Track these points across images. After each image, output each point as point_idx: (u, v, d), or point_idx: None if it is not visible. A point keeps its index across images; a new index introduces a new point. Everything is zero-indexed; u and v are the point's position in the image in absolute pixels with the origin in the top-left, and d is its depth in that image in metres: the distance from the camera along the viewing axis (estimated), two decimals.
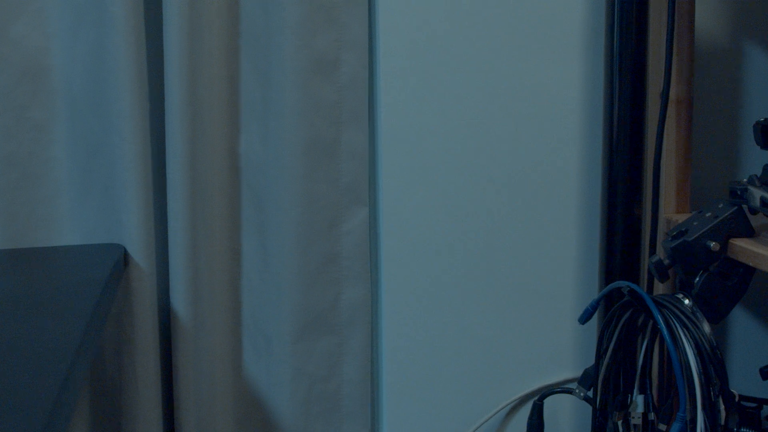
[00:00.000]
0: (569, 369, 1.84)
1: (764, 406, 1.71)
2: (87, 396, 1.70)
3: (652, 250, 1.66)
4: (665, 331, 1.43)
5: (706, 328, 1.43)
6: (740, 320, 1.93)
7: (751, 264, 1.48)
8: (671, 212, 1.71)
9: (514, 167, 1.79)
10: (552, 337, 1.84)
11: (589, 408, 1.62)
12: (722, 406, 1.42)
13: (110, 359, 1.70)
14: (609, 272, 1.72)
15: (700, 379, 1.40)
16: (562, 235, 1.82)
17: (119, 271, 1.61)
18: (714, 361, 1.41)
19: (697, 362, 1.41)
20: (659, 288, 1.70)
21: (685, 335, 1.42)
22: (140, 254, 1.66)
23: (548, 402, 1.76)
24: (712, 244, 1.50)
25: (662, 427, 1.53)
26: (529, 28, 1.76)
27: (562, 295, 1.83)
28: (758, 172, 1.53)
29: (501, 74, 1.77)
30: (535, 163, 1.79)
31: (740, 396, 1.72)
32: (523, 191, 1.80)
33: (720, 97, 1.86)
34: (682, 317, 1.44)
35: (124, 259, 1.65)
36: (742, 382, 1.89)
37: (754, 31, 1.86)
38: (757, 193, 1.47)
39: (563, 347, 1.85)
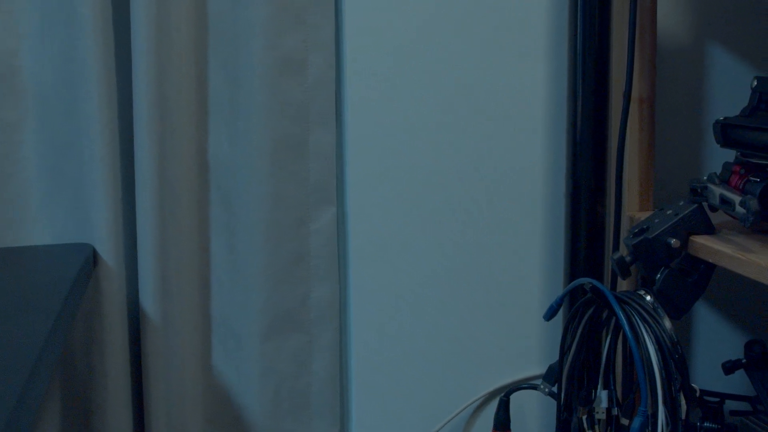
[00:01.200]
0: (536, 365, 1.86)
1: (726, 401, 1.73)
2: (57, 394, 1.71)
3: (616, 248, 1.68)
4: (626, 327, 1.44)
5: (667, 324, 1.45)
6: (704, 317, 1.96)
7: (710, 261, 1.50)
8: (634, 210, 1.73)
9: (479, 166, 1.81)
10: (519, 334, 1.86)
11: (555, 403, 1.64)
12: (683, 401, 1.44)
13: (80, 358, 1.71)
14: (573, 269, 1.74)
15: (661, 374, 1.42)
16: (528, 234, 1.84)
17: (88, 271, 1.62)
18: (675, 357, 1.43)
19: (658, 358, 1.42)
20: (623, 285, 1.72)
21: (646, 331, 1.44)
22: (109, 254, 1.67)
23: (515, 398, 1.77)
24: (673, 241, 1.52)
25: (625, 421, 1.55)
26: (494, 29, 1.78)
27: (528, 292, 1.85)
28: (719, 170, 1.55)
29: (467, 74, 1.78)
30: (501, 162, 1.81)
31: (703, 391, 1.75)
32: (489, 190, 1.82)
33: (683, 96, 1.88)
34: (644, 313, 1.45)
35: (93, 259, 1.66)
36: (706, 377, 1.92)
37: (716, 31, 1.88)
38: (716, 191, 1.49)
39: (530, 344, 1.87)
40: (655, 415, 1.42)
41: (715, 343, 1.95)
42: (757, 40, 1.89)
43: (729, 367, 1.71)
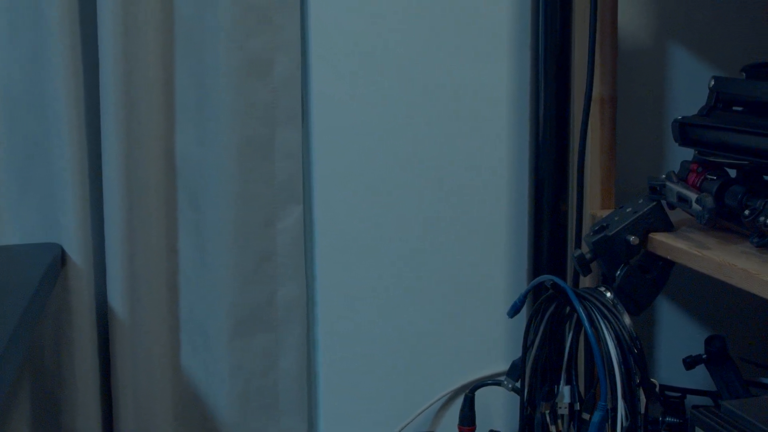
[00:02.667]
0: (502, 362, 1.88)
1: (688, 395, 1.76)
2: (27, 393, 1.72)
3: (578, 246, 1.70)
4: (586, 323, 1.47)
5: (627, 319, 1.47)
6: (667, 313, 1.98)
7: (669, 257, 1.53)
8: (597, 208, 1.76)
9: (444, 165, 1.83)
10: (484, 331, 1.89)
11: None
12: (642, 395, 1.46)
13: (49, 357, 1.72)
14: (537, 267, 1.77)
15: (620, 369, 1.44)
16: (492, 232, 1.86)
17: (56, 270, 1.64)
18: (634, 352, 1.45)
19: (617, 353, 1.44)
20: (586, 282, 1.74)
21: (606, 327, 1.46)
22: (77, 253, 1.69)
23: (482, 394, 1.78)
24: (632, 238, 1.54)
25: (586, 416, 1.57)
26: (459, 30, 1.80)
27: (493, 290, 1.88)
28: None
29: (431, 74, 1.81)
30: (465, 162, 1.84)
31: (665, 386, 1.78)
32: (454, 189, 1.84)
33: (645, 96, 1.91)
34: (603, 309, 1.48)
35: (61, 259, 1.68)
36: (669, 373, 1.94)
37: (677, 31, 1.91)
38: (674, 189, 1.52)
39: (496, 340, 1.89)
40: (614, 410, 1.44)
41: (677, 338, 1.98)
42: (717, 41, 1.91)
43: (690, 363, 1.73)
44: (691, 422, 1.13)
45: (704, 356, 1.72)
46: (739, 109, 1.54)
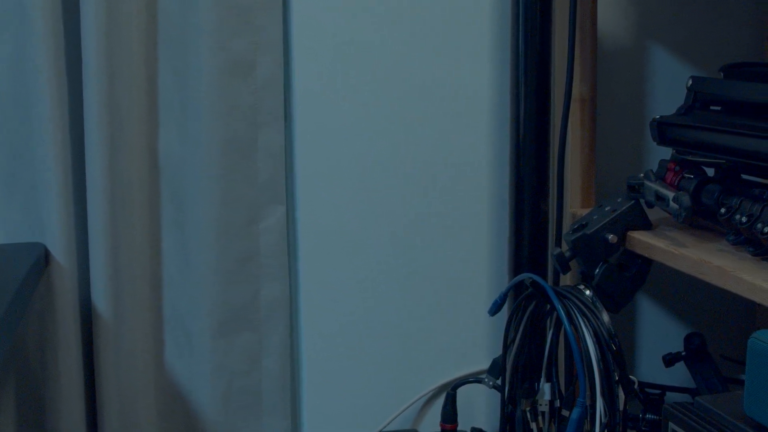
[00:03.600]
0: (484, 359, 1.89)
1: (668, 392, 1.77)
2: (11, 391, 1.73)
3: (558, 244, 1.72)
4: (565, 321, 1.48)
5: (605, 317, 1.48)
6: (647, 311, 2.00)
7: (647, 255, 1.54)
8: (577, 207, 1.77)
9: (426, 164, 1.85)
10: (467, 329, 1.90)
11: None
12: (621, 392, 1.47)
13: (33, 355, 1.73)
14: (518, 265, 1.78)
15: (598, 366, 1.45)
16: (474, 231, 1.88)
17: (39, 270, 1.64)
18: (612, 349, 1.46)
19: (596, 350, 1.46)
20: (567, 280, 1.75)
21: (584, 324, 1.47)
22: (61, 252, 1.69)
23: (465, 391, 1.80)
24: (610, 236, 1.56)
25: (566, 413, 1.58)
26: (440, 30, 1.82)
27: (475, 288, 1.89)
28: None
29: (413, 74, 1.82)
30: (447, 161, 1.85)
31: (645, 383, 1.79)
32: (436, 188, 1.85)
33: (625, 96, 1.92)
34: (582, 307, 1.49)
35: (45, 258, 1.69)
36: (651, 370, 1.96)
37: (657, 31, 1.93)
38: (652, 188, 1.53)
39: (478, 338, 1.90)
40: (593, 406, 1.46)
41: (658, 336, 1.99)
42: (696, 41, 1.93)
43: (669, 360, 1.75)
44: (665, 418, 1.14)
45: (683, 353, 1.74)
46: (717, 108, 1.56)
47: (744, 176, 1.51)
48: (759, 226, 1.34)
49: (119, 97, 1.71)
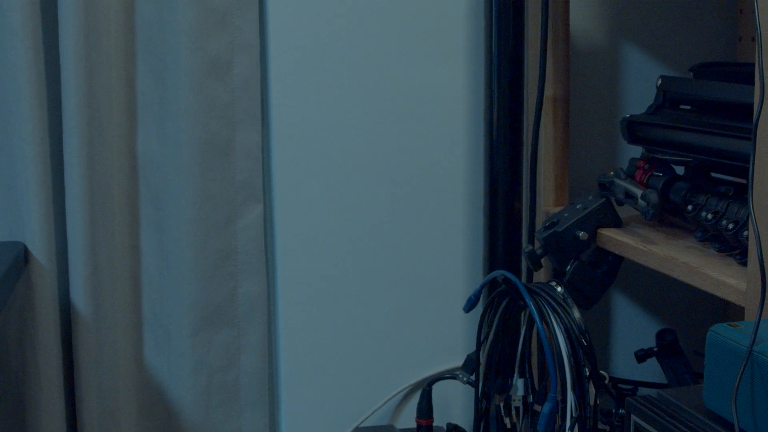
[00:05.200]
0: (461, 356, 1.90)
1: (640, 388, 1.79)
2: None
3: (532, 242, 1.74)
4: (536, 317, 1.50)
5: (576, 313, 1.50)
6: (622, 307, 2.02)
7: (617, 252, 1.57)
8: (550, 205, 1.79)
9: (402, 164, 1.86)
10: (443, 326, 1.92)
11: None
12: (592, 387, 1.50)
13: (13, 354, 1.75)
14: (492, 263, 1.79)
15: (569, 362, 1.47)
16: (449, 229, 1.90)
17: (19, 268, 1.66)
18: (583, 345, 1.48)
19: (566, 345, 1.48)
20: (540, 276, 1.77)
21: (555, 320, 1.49)
22: (40, 251, 1.71)
23: (442, 387, 1.82)
24: (581, 233, 1.58)
25: (538, 408, 1.60)
26: (415, 31, 1.84)
27: (451, 286, 1.91)
28: None
29: (388, 75, 1.84)
30: (422, 160, 1.87)
31: (618, 379, 1.81)
32: (411, 187, 1.87)
33: (598, 95, 1.94)
34: (553, 303, 1.51)
35: (24, 257, 1.70)
36: (625, 366, 1.98)
37: (630, 31, 1.94)
38: (622, 185, 1.56)
39: (454, 335, 1.92)
40: (564, 401, 1.48)
41: (633, 332, 2.01)
42: (669, 40, 1.95)
43: (641, 356, 1.77)
44: (628, 411, 1.17)
45: (655, 349, 1.76)
46: (687, 107, 1.59)
47: (714, 174, 1.54)
48: (724, 222, 1.36)
49: (98, 97, 1.73)
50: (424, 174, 1.87)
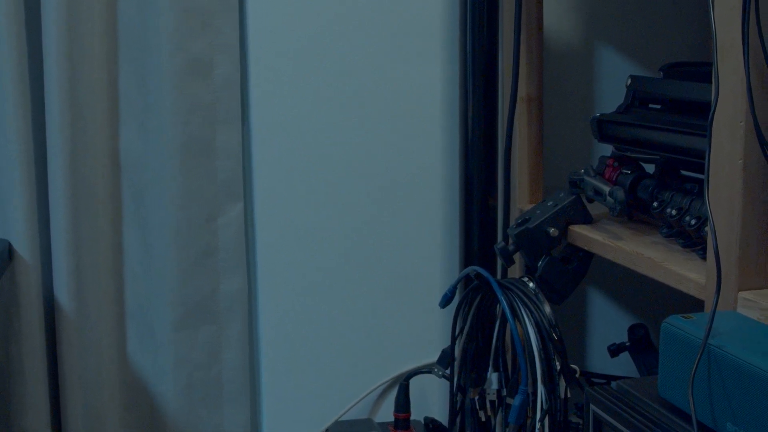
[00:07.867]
0: (438, 350, 1.93)
1: (612, 382, 1.82)
2: None
3: (506, 239, 1.77)
4: (507, 311, 1.53)
5: (547, 308, 1.53)
6: (596, 303, 2.04)
7: (586, 248, 1.59)
8: (525, 203, 1.82)
9: (379, 162, 1.90)
10: (421, 322, 1.95)
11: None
12: (562, 380, 1.52)
13: None
14: (468, 259, 1.83)
15: (540, 355, 1.50)
16: (426, 226, 1.93)
17: (3, 265, 1.69)
18: (554, 339, 1.51)
19: (537, 339, 1.51)
20: (515, 272, 1.80)
21: (527, 315, 1.52)
22: (25, 248, 1.74)
23: (418, 381, 1.85)
24: (552, 230, 1.61)
25: (510, 400, 1.63)
26: (392, 32, 1.87)
27: (428, 282, 1.94)
28: None
29: (366, 75, 1.87)
30: (399, 159, 1.90)
31: (591, 373, 1.84)
32: (389, 186, 1.91)
33: (572, 94, 1.97)
34: (525, 298, 1.53)
35: (9, 254, 1.73)
36: (601, 360, 2.00)
37: (603, 31, 1.98)
38: (591, 183, 1.58)
39: (432, 330, 1.95)
40: (535, 394, 1.51)
41: (607, 327, 2.04)
42: (642, 40, 1.98)
43: (614, 350, 1.80)
44: (587, 400, 1.20)
45: (627, 344, 1.79)
46: (656, 106, 1.61)
47: (684, 173, 1.56)
48: (687, 218, 1.39)
49: (81, 97, 1.76)
50: (401, 172, 1.91)
